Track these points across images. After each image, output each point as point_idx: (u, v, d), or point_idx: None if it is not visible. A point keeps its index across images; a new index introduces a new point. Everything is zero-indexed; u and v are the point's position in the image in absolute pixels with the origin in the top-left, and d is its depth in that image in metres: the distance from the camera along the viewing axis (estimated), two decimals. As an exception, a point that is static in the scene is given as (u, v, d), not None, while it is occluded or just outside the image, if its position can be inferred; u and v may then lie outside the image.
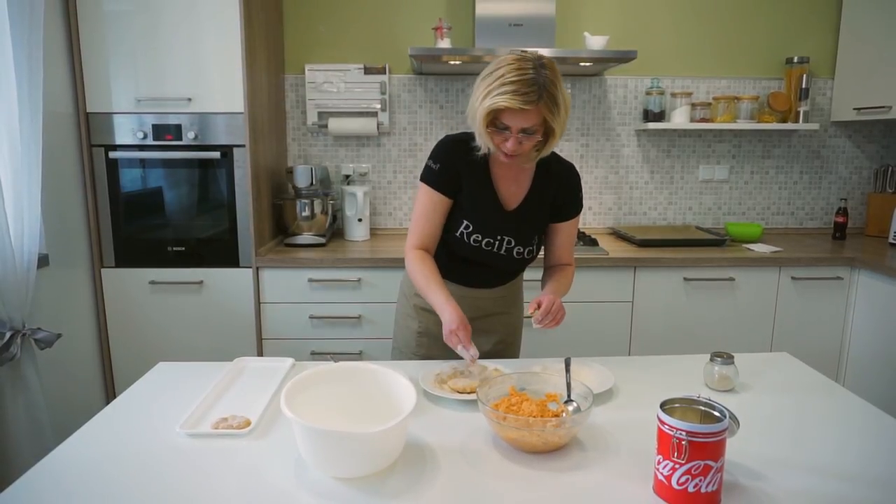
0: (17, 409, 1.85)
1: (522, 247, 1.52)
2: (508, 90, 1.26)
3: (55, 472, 1.01)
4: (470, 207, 1.49)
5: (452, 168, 1.47)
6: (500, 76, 1.28)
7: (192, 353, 2.43)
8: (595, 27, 2.88)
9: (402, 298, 1.72)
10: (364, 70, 2.83)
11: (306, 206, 2.60)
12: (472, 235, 1.49)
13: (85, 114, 2.33)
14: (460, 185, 1.49)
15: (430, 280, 1.46)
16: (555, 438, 1.05)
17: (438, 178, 1.48)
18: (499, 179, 1.50)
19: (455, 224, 1.51)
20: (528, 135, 1.33)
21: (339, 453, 0.97)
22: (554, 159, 1.53)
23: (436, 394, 1.28)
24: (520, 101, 1.26)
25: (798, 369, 1.47)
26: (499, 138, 1.35)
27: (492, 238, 1.49)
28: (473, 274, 1.57)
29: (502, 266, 1.56)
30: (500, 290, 1.62)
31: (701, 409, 0.97)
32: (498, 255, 1.51)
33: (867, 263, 2.42)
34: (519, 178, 1.51)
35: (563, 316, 1.43)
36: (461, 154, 1.47)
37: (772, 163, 3.05)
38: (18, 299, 1.83)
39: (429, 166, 1.49)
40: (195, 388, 1.32)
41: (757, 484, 0.98)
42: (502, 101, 1.27)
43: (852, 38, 2.87)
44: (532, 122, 1.31)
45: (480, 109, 1.31)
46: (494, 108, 1.29)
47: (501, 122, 1.32)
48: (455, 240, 1.52)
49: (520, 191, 1.51)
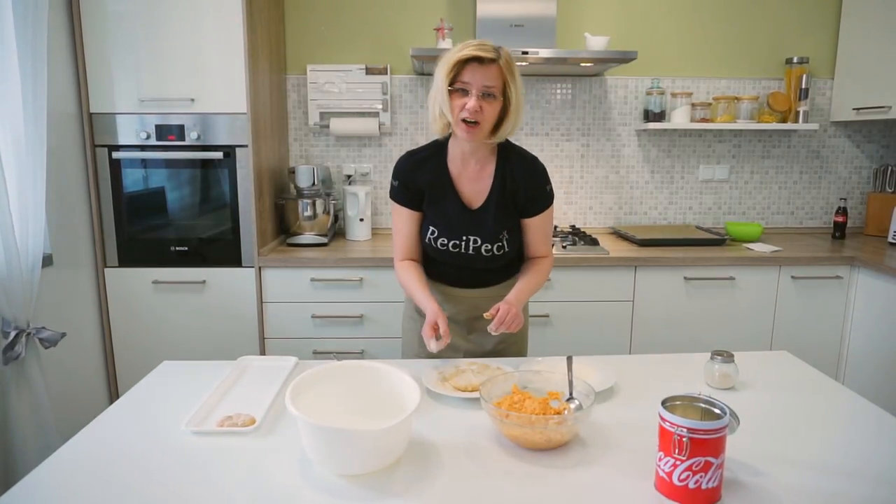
0: (22, 408, 1.86)
1: (490, 244, 1.52)
2: (470, 46, 1.36)
3: (60, 471, 1.02)
4: (434, 213, 1.55)
5: (411, 182, 1.54)
6: (462, 44, 1.39)
7: (195, 352, 2.44)
8: (596, 28, 2.89)
9: (406, 301, 1.75)
10: (366, 70, 2.84)
11: (308, 205, 2.61)
12: (438, 240, 1.54)
13: (88, 114, 2.34)
14: (422, 196, 1.55)
15: (413, 284, 1.54)
16: (557, 436, 1.06)
17: (401, 194, 1.56)
18: (460, 181, 1.53)
19: (423, 231, 1.57)
20: (487, 98, 1.37)
21: (343, 451, 0.98)
22: (516, 153, 1.54)
23: (439, 392, 1.29)
24: (481, 50, 1.35)
25: (798, 368, 1.48)
26: (459, 101, 1.39)
27: (457, 239, 1.53)
28: (460, 275, 1.60)
29: (479, 265, 1.57)
30: (496, 288, 1.62)
31: (701, 406, 0.98)
32: (467, 255, 1.54)
33: (866, 263, 2.43)
34: (480, 176, 1.52)
35: (519, 324, 1.45)
36: (417, 165, 1.54)
37: (772, 162, 3.06)
38: (23, 299, 1.84)
39: (392, 184, 1.58)
40: (199, 387, 1.33)
41: (757, 480, 0.99)
42: (464, 53, 1.35)
43: (852, 38, 2.88)
44: (492, 80, 1.37)
45: (444, 67, 1.38)
46: (459, 59, 1.35)
47: (462, 81, 1.37)
48: (427, 246, 1.58)
49: (482, 189, 1.52)
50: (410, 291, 1.56)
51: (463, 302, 1.62)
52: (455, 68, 1.38)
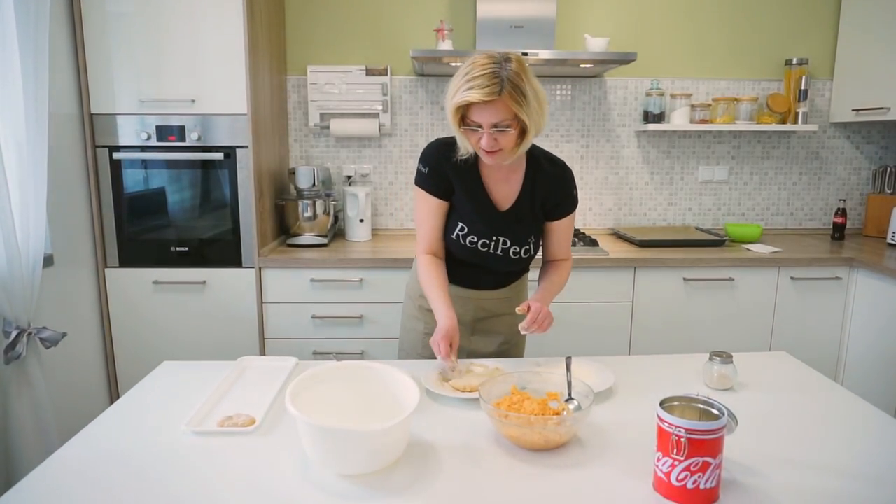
0: (23, 408, 1.86)
1: (518, 247, 1.52)
2: (471, 85, 1.28)
3: (60, 471, 1.02)
4: (463, 209, 1.50)
5: (441, 171, 1.48)
6: (465, 74, 1.30)
7: (195, 352, 2.45)
8: (595, 29, 2.90)
9: (408, 300, 1.72)
10: (366, 71, 2.84)
11: (308, 206, 2.61)
12: (467, 237, 1.50)
13: (89, 115, 2.34)
14: (452, 188, 1.50)
15: (434, 285, 1.48)
16: (556, 436, 1.07)
17: (429, 181, 1.50)
18: (490, 181, 1.50)
19: (451, 226, 1.52)
20: (501, 130, 1.32)
21: (343, 450, 0.98)
22: (546, 158, 1.52)
23: (438, 392, 1.29)
24: (482, 93, 1.27)
25: (797, 368, 1.49)
26: (474, 137, 1.36)
27: (487, 239, 1.50)
28: (475, 276, 1.58)
29: (500, 267, 1.55)
30: (505, 291, 1.62)
31: (700, 407, 0.98)
32: (495, 255, 1.52)
33: (866, 264, 2.43)
34: (510, 179, 1.50)
35: (550, 323, 1.42)
36: (448, 157, 1.47)
37: (771, 164, 3.07)
38: (24, 299, 1.84)
39: (420, 170, 1.51)
40: (199, 387, 1.34)
41: (755, 481, 0.99)
42: (465, 96, 1.28)
43: (851, 39, 2.88)
44: (500, 115, 1.30)
45: (449, 109, 1.34)
46: (460, 104, 1.31)
47: (472, 120, 1.33)
48: (452, 242, 1.53)
49: (511, 191, 1.50)
50: (429, 291, 1.49)
51: (470, 303, 1.61)
52: (460, 111, 1.33)
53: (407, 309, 1.72)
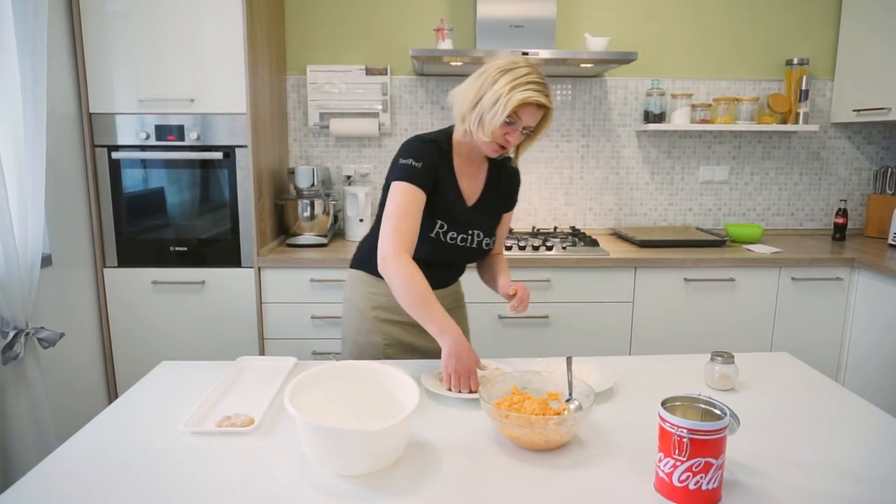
0: (21, 408, 1.85)
1: (490, 238, 1.58)
2: (537, 88, 1.36)
3: (58, 471, 1.01)
4: (442, 207, 1.48)
5: (434, 166, 1.46)
6: (524, 74, 1.36)
7: (194, 352, 2.44)
8: (596, 28, 2.89)
9: (356, 313, 1.60)
10: (365, 71, 2.84)
11: (308, 206, 2.61)
12: (447, 234, 1.50)
13: (88, 114, 2.34)
14: (437, 185, 1.47)
15: (431, 296, 1.35)
16: (556, 436, 1.06)
17: (422, 176, 1.42)
18: (461, 176, 1.53)
19: (429, 225, 1.47)
20: (527, 131, 1.43)
21: (342, 451, 0.97)
22: (505, 158, 1.60)
23: (438, 392, 1.29)
24: (545, 99, 1.38)
25: (798, 369, 1.48)
26: (504, 130, 1.40)
27: (465, 234, 1.53)
28: (442, 275, 1.60)
29: (472, 260, 1.61)
30: (454, 286, 1.69)
31: (701, 407, 0.98)
32: (471, 249, 1.55)
33: (867, 264, 2.43)
34: (477, 175, 1.56)
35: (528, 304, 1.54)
36: (436, 153, 1.48)
37: (772, 164, 3.06)
38: (22, 299, 1.84)
39: (408, 165, 1.42)
40: (198, 388, 1.33)
41: (757, 481, 0.98)
42: (535, 96, 1.35)
43: (852, 39, 2.88)
44: (537, 120, 1.41)
45: (512, 99, 1.34)
46: (526, 101, 1.35)
47: (518, 117, 1.38)
48: (430, 241, 1.48)
49: (477, 186, 1.56)
50: (422, 306, 1.34)
51: None
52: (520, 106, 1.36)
53: (354, 322, 1.60)
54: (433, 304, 1.34)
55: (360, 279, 1.61)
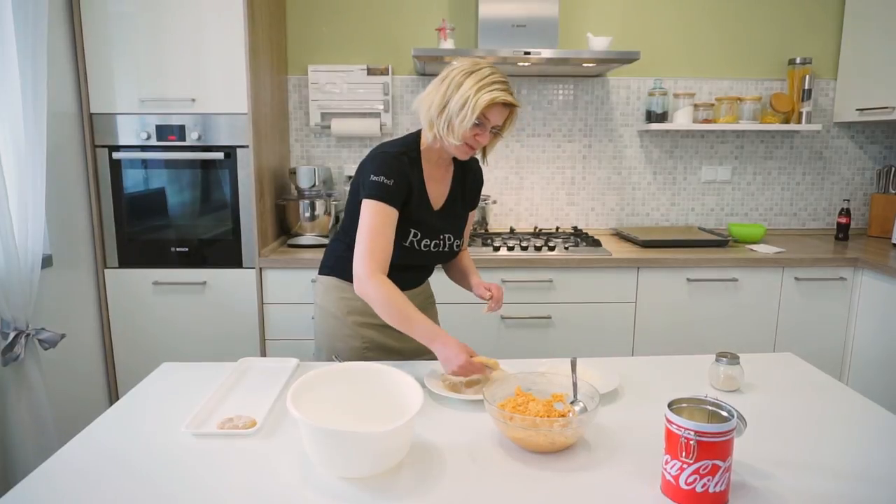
0: (21, 410, 1.85)
1: (459, 239, 1.61)
2: (502, 87, 1.38)
3: (59, 473, 1.01)
4: (414, 215, 1.49)
5: (405, 182, 1.45)
6: (488, 75, 1.38)
7: (196, 353, 2.43)
8: (598, 28, 2.88)
9: (331, 319, 1.60)
10: (367, 71, 2.83)
11: (309, 206, 2.60)
12: (421, 241, 1.52)
13: (89, 114, 2.33)
14: (409, 198, 1.47)
15: (412, 308, 1.37)
16: (561, 438, 1.05)
17: (394, 194, 1.42)
18: (430, 181, 1.54)
19: (402, 235, 1.48)
20: (495, 132, 1.45)
21: (345, 453, 0.96)
22: (471, 159, 1.63)
23: (441, 394, 1.28)
24: (511, 97, 1.39)
25: (803, 370, 1.47)
26: (474, 132, 1.42)
27: (437, 239, 1.55)
28: (414, 278, 1.62)
29: (442, 262, 1.66)
30: (424, 285, 1.71)
31: (708, 408, 0.97)
32: (443, 252, 1.58)
33: (870, 264, 2.42)
34: (444, 178, 1.58)
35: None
36: (406, 166, 1.46)
37: (774, 164, 3.05)
38: (22, 300, 1.83)
39: (379, 182, 1.41)
40: (200, 389, 1.32)
41: (765, 484, 0.98)
42: (502, 95, 1.37)
43: (855, 38, 2.87)
44: (503, 119, 1.44)
45: (479, 101, 1.36)
46: (494, 101, 1.36)
47: (486, 118, 1.40)
48: (404, 250, 1.49)
49: (444, 190, 1.58)
50: (405, 321, 1.35)
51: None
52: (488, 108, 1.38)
53: (330, 329, 1.61)
54: (414, 317, 1.35)
55: (333, 285, 1.61)
